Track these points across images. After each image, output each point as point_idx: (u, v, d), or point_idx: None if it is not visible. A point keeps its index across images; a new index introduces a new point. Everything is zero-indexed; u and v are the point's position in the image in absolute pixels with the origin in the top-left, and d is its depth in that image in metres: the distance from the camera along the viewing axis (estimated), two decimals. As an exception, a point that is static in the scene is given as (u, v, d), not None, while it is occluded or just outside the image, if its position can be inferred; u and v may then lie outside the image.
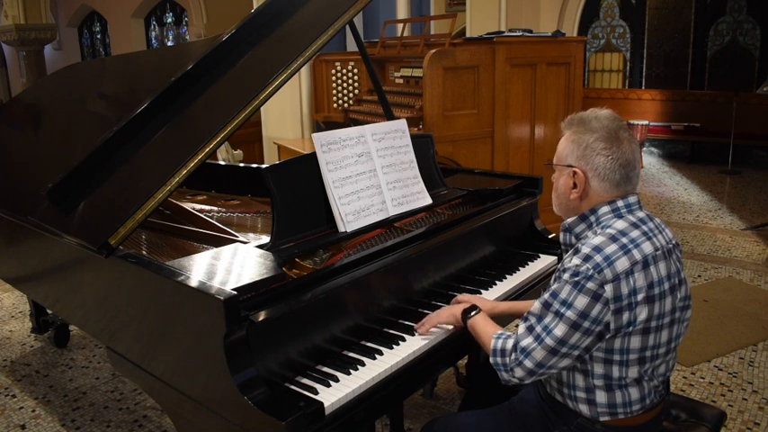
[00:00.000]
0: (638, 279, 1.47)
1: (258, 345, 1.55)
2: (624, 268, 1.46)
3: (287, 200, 1.96)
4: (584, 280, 1.45)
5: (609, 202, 1.57)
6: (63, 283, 2.42)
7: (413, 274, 2.05)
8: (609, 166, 1.55)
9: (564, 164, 1.62)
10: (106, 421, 2.93)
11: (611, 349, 1.52)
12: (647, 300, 1.48)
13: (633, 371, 1.54)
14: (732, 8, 8.90)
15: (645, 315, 1.49)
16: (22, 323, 4.04)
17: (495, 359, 1.60)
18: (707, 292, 4.12)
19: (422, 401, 2.95)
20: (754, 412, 2.83)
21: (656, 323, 1.51)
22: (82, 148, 2.19)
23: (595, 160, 1.55)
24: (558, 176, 1.66)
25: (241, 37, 2.26)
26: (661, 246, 1.54)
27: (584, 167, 1.57)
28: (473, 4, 6.07)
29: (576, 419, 1.63)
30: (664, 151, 9.19)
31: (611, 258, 1.46)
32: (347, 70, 5.45)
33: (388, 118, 2.72)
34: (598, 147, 1.55)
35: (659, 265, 1.51)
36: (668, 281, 1.53)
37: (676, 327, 1.58)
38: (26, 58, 11.01)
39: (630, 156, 1.57)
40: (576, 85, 4.84)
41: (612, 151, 1.55)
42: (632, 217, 1.56)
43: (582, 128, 1.60)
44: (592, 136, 1.57)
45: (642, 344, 1.51)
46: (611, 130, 1.56)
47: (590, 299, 1.45)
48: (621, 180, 1.56)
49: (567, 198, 1.63)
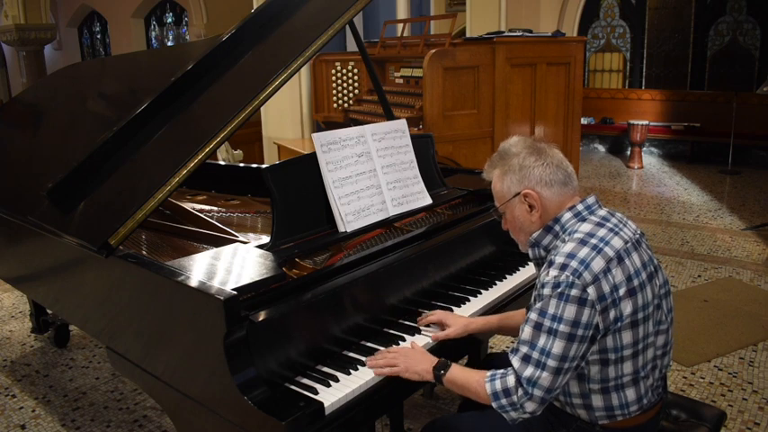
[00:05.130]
0: (617, 275, 1.49)
1: (258, 345, 1.55)
2: (601, 267, 1.47)
3: (287, 200, 1.96)
4: (567, 289, 1.46)
5: (569, 208, 1.61)
6: (63, 283, 2.42)
7: (413, 275, 2.05)
8: (548, 172, 1.60)
9: (509, 197, 1.65)
10: (106, 421, 2.93)
11: (605, 349, 1.52)
12: (630, 293, 1.50)
13: (628, 367, 1.54)
14: (732, 8, 8.90)
15: (630, 308, 1.50)
16: (22, 323, 4.04)
17: (500, 402, 1.52)
18: (707, 292, 4.12)
19: (422, 401, 2.95)
20: (754, 412, 2.83)
21: (642, 314, 1.52)
22: (82, 148, 2.19)
23: (534, 173, 1.60)
24: (511, 213, 1.67)
25: (241, 37, 2.26)
26: (629, 238, 1.57)
27: (529, 186, 1.61)
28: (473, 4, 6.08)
29: (575, 423, 1.64)
30: (664, 151, 9.19)
31: (586, 261, 1.48)
32: (347, 70, 5.45)
33: (388, 118, 2.72)
34: (529, 162, 1.61)
35: (633, 257, 1.54)
36: (645, 270, 1.55)
37: (659, 313, 1.59)
38: (26, 58, 11.02)
39: (559, 155, 1.64)
40: (575, 85, 4.84)
41: (543, 159, 1.61)
42: (595, 217, 1.59)
43: (505, 160, 1.66)
44: (518, 158, 1.63)
45: (633, 338, 1.52)
46: (530, 146, 1.64)
47: (577, 306, 1.45)
48: (565, 179, 1.61)
49: (530, 223, 1.64)
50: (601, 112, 9.30)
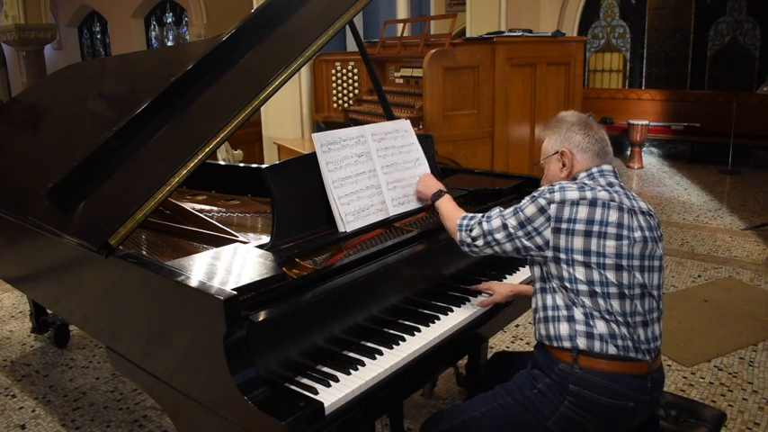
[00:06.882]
0: (580, 211, 1.70)
1: (258, 345, 1.55)
2: (572, 198, 1.72)
3: (287, 200, 1.96)
4: (538, 195, 1.77)
5: (586, 169, 1.84)
6: (63, 283, 2.42)
7: (413, 275, 2.05)
8: (587, 141, 1.85)
9: (550, 154, 1.90)
10: (106, 421, 2.93)
11: (561, 276, 1.73)
12: (585, 233, 1.69)
13: (586, 301, 1.70)
14: (732, 8, 8.90)
15: (581, 246, 1.69)
16: (22, 323, 4.04)
17: (462, 222, 1.93)
18: (707, 292, 4.12)
19: (422, 401, 2.95)
20: (754, 412, 2.83)
21: (595, 260, 1.69)
22: (82, 148, 2.19)
23: (575, 138, 1.86)
24: (548, 168, 1.92)
25: (241, 37, 2.26)
26: (620, 202, 1.73)
27: (567, 147, 1.86)
28: (473, 4, 6.08)
29: (556, 366, 1.72)
30: (664, 151, 9.19)
31: (564, 188, 1.75)
32: (347, 70, 5.45)
33: (388, 118, 2.72)
34: (575, 129, 1.87)
35: (609, 210, 1.71)
36: (615, 227, 1.70)
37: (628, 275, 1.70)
38: (26, 58, 11.01)
39: (602, 134, 1.88)
40: (575, 85, 4.84)
41: (587, 131, 1.86)
42: (603, 180, 1.81)
43: (558, 124, 1.91)
44: (567, 125, 1.89)
45: (587, 277, 1.70)
46: (582, 119, 1.90)
47: (537, 210, 1.75)
48: (600, 151, 1.85)
49: (558, 179, 1.86)
50: (601, 112, 9.30)
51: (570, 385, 1.69)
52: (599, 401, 1.67)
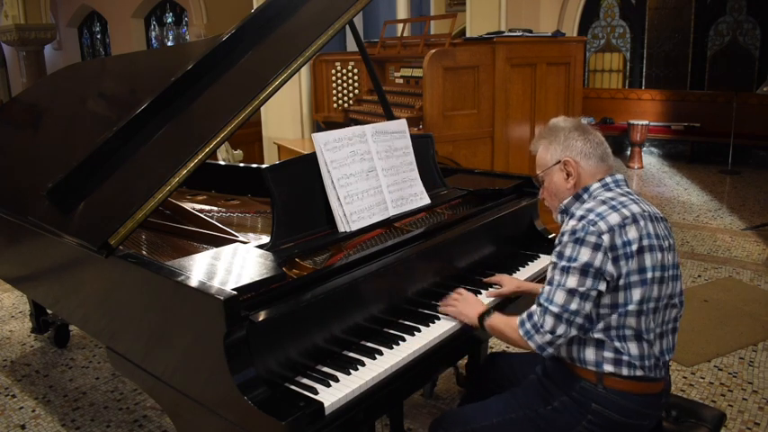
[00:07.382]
0: (630, 231, 1.62)
1: (258, 345, 1.55)
2: (616, 222, 1.62)
3: (287, 200, 1.96)
4: (582, 234, 1.61)
5: (599, 180, 1.75)
6: (63, 283, 2.42)
7: (413, 275, 2.05)
8: (589, 146, 1.77)
9: (551, 164, 1.80)
10: (106, 421, 2.93)
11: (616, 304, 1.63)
12: (639, 250, 1.62)
13: (631, 322, 1.63)
14: (732, 8, 8.90)
15: (636, 266, 1.61)
16: (22, 323, 4.04)
17: (525, 327, 1.68)
18: (707, 292, 4.12)
19: (422, 401, 2.95)
20: (754, 412, 2.83)
21: (651, 274, 1.63)
22: (82, 148, 2.19)
23: (576, 145, 1.77)
24: (550, 180, 1.82)
25: (241, 37, 2.26)
26: (647, 210, 1.69)
27: (569, 155, 1.77)
28: (473, 4, 6.07)
29: (577, 384, 1.68)
30: (664, 151, 9.19)
31: (603, 215, 1.63)
32: (347, 70, 5.44)
33: (387, 118, 2.72)
34: (574, 135, 1.78)
35: (647, 223, 1.66)
36: (657, 239, 1.66)
37: (666, 286, 1.67)
38: (26, 58, 11.01)
39: (600, 137, 1.81)
40: (575, 85, 4.84)
41: (586, 136, 1.78)
42: (620, 190, 1.74)
43: (553, 132, 1.82)
44: (565, 131, 1.79)
45: (641, 295, 1.62)
46: (576, 124, 1.82)
47: (591, 250, 1.59)
48: (603, 154, 1.78)
49: (564, 190, 1.79)
50: (601, 112, 9.30)
51: (593, 404, 1.66)
52: (619, 421, 1.66)
